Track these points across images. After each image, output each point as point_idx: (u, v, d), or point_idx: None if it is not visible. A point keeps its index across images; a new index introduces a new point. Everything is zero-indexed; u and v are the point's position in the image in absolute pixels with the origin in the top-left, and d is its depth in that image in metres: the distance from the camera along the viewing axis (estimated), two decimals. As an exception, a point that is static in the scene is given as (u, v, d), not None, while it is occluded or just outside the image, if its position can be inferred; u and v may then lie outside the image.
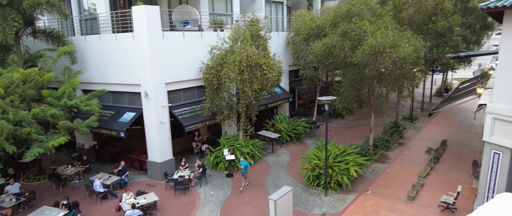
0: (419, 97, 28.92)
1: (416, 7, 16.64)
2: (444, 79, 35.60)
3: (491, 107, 10.72)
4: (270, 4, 23.19)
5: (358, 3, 14.82)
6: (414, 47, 14.17)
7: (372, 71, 14.79)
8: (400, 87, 16.81)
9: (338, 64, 17.12)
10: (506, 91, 10.18)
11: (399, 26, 15.88)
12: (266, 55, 15.38)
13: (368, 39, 13.91)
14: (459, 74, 42.71)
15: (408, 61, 13.81)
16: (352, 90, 16.63)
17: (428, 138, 20.50)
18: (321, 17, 20.15)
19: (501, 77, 10.35)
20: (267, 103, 18.97)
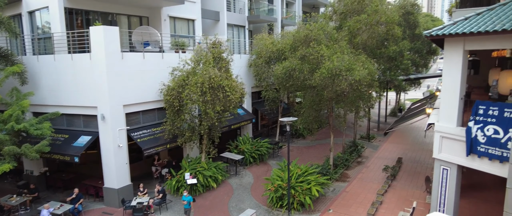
0: (375, 117, 30.40)
1: (369, 33, 17.77)
2: (397, 100, 37.80)
3: (438, 126, 11.52)
4: (232, 28, 23.64)
5: (315, 29, 15.57)
6: (368, 70, 15.03)
7: (330, 93, 15.41)
8: (356, 107, 17.59)
9: (298, 86, 17.66)
10: (450, 111, 11.04)
11: (354, 51, 16.83)
12: (228, 77, 15.52)
13: (326, 63, 14.57)
14: (411, 95, 45.61)
15: (363, 83, 14.59)
16: (312, 111, 17.16)
17: (384, 156, 21.45)
18: (281, 41, 20.83)
19: (445, 98, 11.23)
20: (230, 125, 18.96)
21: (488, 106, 10.15)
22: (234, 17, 23.57)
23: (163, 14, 18.51)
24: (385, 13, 17.87)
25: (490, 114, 10.11)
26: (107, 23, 16.48)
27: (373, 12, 17.53)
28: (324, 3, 33.25)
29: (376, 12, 17.55)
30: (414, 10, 29.32)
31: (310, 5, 34.64)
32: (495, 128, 9.98)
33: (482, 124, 10.22)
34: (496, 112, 9.99)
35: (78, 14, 16.13)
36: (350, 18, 19.19)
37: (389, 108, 36.90)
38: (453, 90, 10.83)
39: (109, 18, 17.19)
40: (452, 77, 10.82)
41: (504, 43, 9.56)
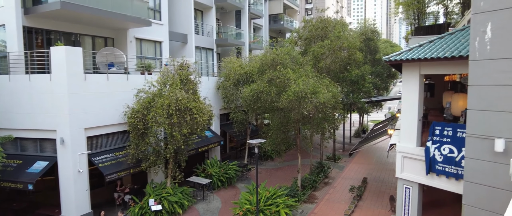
0: (341, 138, 31.22)
1: (333, 58, 18.54)
2: (361, 121, 39.20)
3: (400, 146, 12.04)
4: (200, 50, 23.72)
5: (281, 53, 16.02)
6: (332, 93, 15.56)
7: (296, 115, 15.72)
8: (322, 129, 18.00)
9: (266, 108, 17.86)
10: (410, 131, 11.60)
11: (319, 74, 17.43)
12: (196, 99, 15.40)
13: (292, 86, 14.93)
14: (374, 117, 47.51)
15: (327, 105, 15.05)
16: (280, 132, 17.34)
17: (350, 176, 21.92)
18: (249, 64, 21.15)
19: (404, 119, 11.81)
20: (198, 147, 18.63)
21: (443, 127, 10.80)
22: (202, 40, 23.72)
23: (129, 35, 18.26)
24: (347, 39, 18.81)
25: (445, 134, 10.75)
26: (70, 44, 15.96)
27: (335, 38, 18.40)
28: (289, 29, 34.46)
29: (339, 38, 18.43)
30: (374, 36, 31.08)
31: (277, 31, 35.75)
32: (450, 147, 10.59)
33: (439, 144, 10.81)
34: (450, 132, 10.64)
35: (38, 34, 15.49)
36: (314, 43, 19.98)
37: (353, 129, 38.14)
38: (412, 111, 11.44)
39: (72, 38, 16.67)
40: (411, 100, 11.46)
41: (453, 68, 10.32)
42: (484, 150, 7.70)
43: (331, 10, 58.74)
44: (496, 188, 7.51)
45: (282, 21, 34.70)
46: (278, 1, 34.41)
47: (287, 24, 35.00)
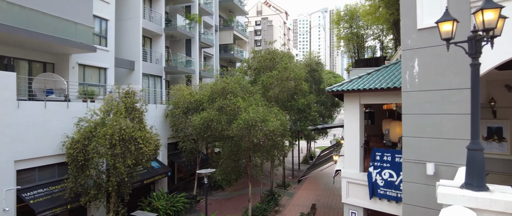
0: (290, 164, 31.78)
1: (281, 87, 19.21)
2: (308, 148, 40.39)
3: (344, 172, 12.56)
4: (148, 77, 23.16)
5: (232, 82, 16.24)
6: (281, 121, 15.99)
7: (247, 143, 15.81)
8: (272, 156, 18.24)
9: (217, 137, 17.74)
10: (353, 157, 12.22)
11: (268, 103, 17.88)
12: (142, 128, 14.82)
13: (242, 114, 15.10)
14: (320, 143, 49.27)
15: (276, 133, 15.38)
16: (230, 161, 17.22)
17: (300, 203, 22.21)
18: (199, 92, 21.05)
19: (348, 146, 12.44)
20: (143, 179, 17.71)
21: (383, 153, 11.53)
22: (150, 67, 23.26)
23: (71, 61, 17.32)
24: (294, 70, 19.71)
25: (385, 160, 11.47)
26: (3, 68, 14.69)
27: (283, 69, 19.18)
28: (240, 58, 35.25)
29: (286, 69, 19.24)
30: (318, 67, 32.89)
31: (227, 60, 36.32)
32: (390, 172, 11.29)
33: (380, 169, 11.48)
34: (389, 158, 11.38)
35: (-37, 57, 14.08)
36: (263, 73, 20.62)
37: (302, 156, 39.10)
38: (354, 138, 12.11)
39: (5, 62, 15.37)
40: (352, 127, 12.16)
41: (389, 98, 11.23)
42: (418, 173, 8.34)
43: (278, 43, 61.37)
44: (430, 208, 8.11)
45: (232, 51, 35.41)
46: (228, 32, 35.23)
47: (237, 54, 35.78)
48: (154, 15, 24.21)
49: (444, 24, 4.77)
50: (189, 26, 26.88)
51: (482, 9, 4.18)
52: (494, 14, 4.11)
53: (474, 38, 4.44)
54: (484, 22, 4.15)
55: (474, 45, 4.46)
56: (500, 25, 4.45)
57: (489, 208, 3.87)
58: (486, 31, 4.25)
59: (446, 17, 4.78)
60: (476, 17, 4.23)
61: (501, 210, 3.83)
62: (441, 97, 7.84)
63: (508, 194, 4.06)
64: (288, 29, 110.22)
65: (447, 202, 4.19)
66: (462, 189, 4.38)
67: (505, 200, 3.84)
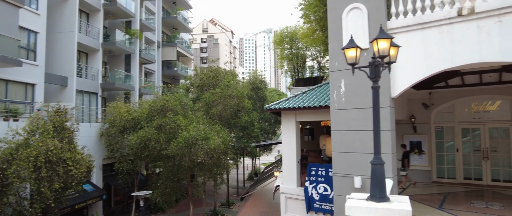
0: (234, 182, 31.62)
1: (224, 105, 19.31)
2: (253, 165, 40.66)
3: (283, 187, 12.87)
4: (82, 94, 21.79)
5: (172, 99, 15.95)
6: (223, 139, 15.98)
7: (187, 162, 15.51)
8: (214, 175, 18.07)
9: (155, 157, 17.13)
10: (290, 173, 12.58)
11: (210, 121, 17.81)
12: (72, 149, 13.81)
13: (182, 132, 14.83)
14: (265, 159, 49.89)
15: (218, 151, 15.32)
16: (170, 181, 16.70)
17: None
18: (138, 110, 20.28)
19: (286, 162, 12.81)
20: (74, 204, 16.36)
21: (318, 168, 12.05)
22: (85, 83, 21.93)
23: (-10, 76, 15.73)
24: (236, 88, 19.99)
25: (320, 174, 11.98)
26: None
27: (226, 86, 19.36)
28: (183, 75, 34.78)
29: (229, 87, 19.44)
30: (262, 85, 33.71)
31: (170, 76, 35.62)
32: (324, 186, 11.80)
33: (315, 183, 11.95)
34: (324, 172, 11.92)
35: None
36: (206, 91, 20.59)
37: (247, 173, 39.18)
38: (291, 154, 12.52)
39: None
40: (290, 144, 12.58)
41: (322, 116, 11.85)
42: (347, 187, 8.84)
43: (221, 61, 61.89)
44: (358, 220, 8.60)
45: (175, 68, 34.86)
46: (171, 48, 34.70)
47: (181, 71, 35.29)
48: (91, 29, 23.09)
49: (349, 51, 5.29)
50: (129, 42, 26.01)
51: (377, 39, 4.75)
52: (387, 43, 4.68)
53: (374, 64, 4.98)
54: (379, 50, 4.70)
55: (374, 70, 5.00)
56: (394, 53, 5.07)
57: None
58: (381, 58, 4.81)
59: (350, 44, 5.31)
60: (373, 46, 4.78)
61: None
62: (365, 114, 8.49)
63: (404, 203, 4.53)
64: (234, 48, 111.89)
65: (354, 214, 4.55)
66: (367, 201, 4.79)
67: (400, 209, 4.29)
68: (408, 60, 8.20)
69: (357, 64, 5.40)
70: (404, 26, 8.30)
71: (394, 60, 5.09)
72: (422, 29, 8.07)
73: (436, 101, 13.14)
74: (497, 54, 7.18)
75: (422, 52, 8.03)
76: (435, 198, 10.76)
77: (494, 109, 12.39)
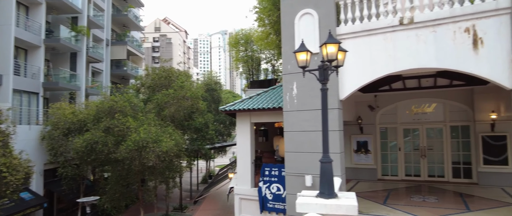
0: (188, 186, 31.04)
1: (177, 106, 18.86)
2: (207, 167, 40.23)
3: (237, 189, 12.90)
4: (20, 94, 20.04)
5: (121, 100, 15.27)
6: (175, 141, 15.62)
7: (138, 165, 14.92)
8: (166, 179, 17.59)
9: (103, 161, 16.27)
10: (245, 174, 12.65)
11: (162, 122, 17.30)
12: (7, 154, 12.65)
13: (132, 135, 14.26)
14: (220, 162, 49.60)
15: (170, 154, 14.94)
16: (119, 186, 15.96)
17: (197, 225, 21.78)
18: (84, 111, 19.11)
19: (240, 163, 12.86)
20: (9, 215, 14.97)
21: (271, 168, 12.26)
22: (24, 82, 20.18)
23: None
24: (190, 89, 19.64)
25: (273, 174, 12.20)
26: None
27: (179, 87, 18.94)
28: (134, 75, 33.44)
29: (182, 88, 19.05)
30: (217, 87, 33.52)
31: (120, 76, 34.06)
32: (277, 186, 12.03)
33: (269, 183, 12.14)
34: (277, 172, 12.15)
35: None
36: (159, 91, 19.98)
37: (201, 175, 38.67)
38: (246, 155, 12.61)
39: None
40: (244, 145, 12.66)
41: (275, 117, 12.07)
42: (299, 185, 9.10)
43: (175, 61, 60.53)
44: (309, 218, 8.90)
45: (125, 67, 33.42)
46: (121, 47, 33.19)
47: (131, 71, 33.90)
48: (32, 24, 21.34)
49: (300, 54, 5.51)
50: (75, 39, 24.45)
51: (326, 44, 5.02)
52: (335, 48, 4.95)
53: (322, 67, 5.23)
54: (327, 54, 4.96)
55: (323, 73, 5.25)
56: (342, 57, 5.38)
57: (336, 212, 4.59)
58: (329, 62, 5.08)
59: (301, 48, 5.53)
60: (322, 50, 5.03)
61: (343, 213, 4.56)
62: (315, 116, 8.81)
63: (351, 199, 4.82)
64: (188, 48, 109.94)
65: (304, 211, 4.74)
66: (317, 198, 5.01)
67: (347, 205, 4.56)
68: (356, 64, 8.68)
69: (308, 67, 5.62)
70: (352, 32, 8.77)
71: (341, 64, 5.38)
72: (368, 36, 8.59)
73: (381, 104, 14.02)
74: (433, 61, 7.86)
75: (368, 57, 8.54)
76: (380, 195, 11.46)
77: (431, 111, 13.52)
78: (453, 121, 13.23)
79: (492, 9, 7.29)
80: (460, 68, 7.66)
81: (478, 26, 7.47)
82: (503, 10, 7.19)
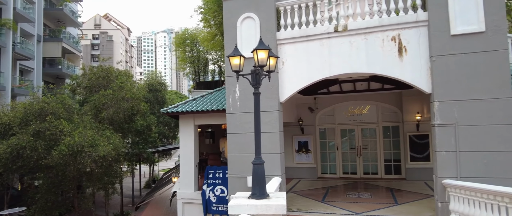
0: (129, 191, 29.64)
1: (116, 108, 17.93)
2: (151, 172, 38.79)
3: (180, 193, 12.65)
4: None
5: (53, 102, 14.15)
6: (114, 145, 14.86)
7: (72, 172, 13.93)
8: (104, 185, 16.65)
9: (32, 167, 14.91)
10: (188, 177, 12.46)
11: (100, 125, 16.35)
12: None
13: (66, 139, 13.28)
14: (165, 165, 48.11)
15: (109, 158, 14.18)
16: (51, 195, 14.75)
17: (139, 231, 20.90)
18: (9, 114, 17.33)
19: (183, 166, 12.64)
20: None
21: (215, 170, 12.22)
22: None
23: None
24: (131, 90, 18.79)
25: (217, 177, 12.17)
26: None
27: (118, 88, 18.04)
28: (70, 74, 31.13)
29: (122, 89, 18.17)
30: (161, 88, 32.49)
31: (54, 76, 31.49)
32: (221, 188, 12.02)
33: (213, 186, 12.09)
34: (221, 174, 12.14)
35: None
36: (96, 92, 18.84)
37: (144, 180, 37.19)
38: (189, 158, 12.42)
39: None
40: (188, 147, 12.46)
41: (219, 119, 12.05)
42: (241, 187, 9.19)
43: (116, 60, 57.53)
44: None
45: (60, 66, 30.97)
46: (56, 44, 30.68)
47: (66, 69, 31.49)
48: None
49: (233, 59, 5.63)
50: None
51: (256, 50, 5.21)
52: (265, 54, 5.15)
53: (255, 72, 5.40)
54: (258, 60, 5.14)
55: (255, 78, 5.42)
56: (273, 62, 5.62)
57: (266, 212, 4.78)
58: (261, 67, 5.26)
59: (235, 53, 5.65)
60: (254, 56, 5.19)
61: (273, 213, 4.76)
62: (257, 118, 8.97)
63: (280, 199, 5.04)
64: (131, 46, 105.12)
65: (236, 212, 4.86)
66: (249, 199, 5.15)
67: (276, 204, 4.77)
68: (295, 68, 9.03)
69: (242, 72, 5.73)
70: (291, 37, 9.11)
71: (273, 69, 5.58)
72: (306, 41, 8.98)
73: (320, 105, 14.71)
74: (364, 66, 8.46)
75: (306, 61, 8.93)
76: (319, 192, 12.01)
77: (365, 112, 14.51)
78: (385, 122, 14.33)
79: (413, 21, 8.06)
80: (387, 73, 8.35)
81: (403, 35, 8.21)
82: (422, 22, 7.98)
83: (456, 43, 7.60)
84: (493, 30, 7.34)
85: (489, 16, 7.35)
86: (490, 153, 7.30)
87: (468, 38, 7.52)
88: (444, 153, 7.63)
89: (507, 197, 5.40)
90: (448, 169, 7.57)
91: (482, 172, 7.30)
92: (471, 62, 7.49)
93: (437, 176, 7.76)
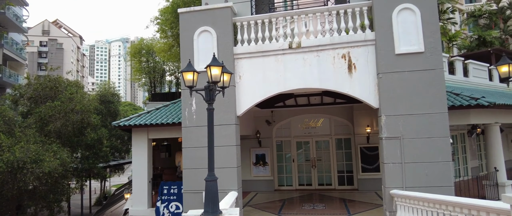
0: (78, 209, 27.77)
1: (64, 120, 16.87)
2: (102, 188, 36.70)
3: (132, 210, 12.10)
4: None
5: (-10, 114, 13.01)
6: (61, 160, 13.92)
7: (12, 190, 12.79)
8: (49, 203, 15.45)
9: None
10: (141, 194, 11.98)
11: (46, 139, 15.26)
12: None
13: (4, 155, 12.20)
14: (117, 181, 45.77)
15: (54, 175, 13.24)
16: (-15, 216, 13.39)
17: (87, 252, 19.57)
18: None
19: (136, 182, 12.15)
20: None
21: (170, 186, 11.90)
22: None
23: None
24: (81, 101, 17.81)
25: (172, 193, 11.85)
26: None
27: (67, 99, 17.02)
28: (12, 83, 28.82)
29: (71, 100, 17.16)
30: (114, 99, 31.12)
31: (-7, 85, 28.97)
32: (176, 204, 11.72)
33: (167, 202, 11.74)
34: (176, 190, 11.85)
35: None
36: (43, 103, 17.60)
37: (95, 197, 35.08)
38: (142, 174, 11.98)
39: None
40: (141, 162, 12.03)
41: (174, 133, 11.80)
42: (197, 203, 9.03)
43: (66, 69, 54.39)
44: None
45: (0, 74, 28.59)
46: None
47: (8, 78, 29.13)
48: None
49: (187, 74, 5.62)
50: None
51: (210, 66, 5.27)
52: (218, 70, 5.22)
53: (208, 88, 5.44)
54: (212, 76, 5.19)
55: (209, 93, 5.45)
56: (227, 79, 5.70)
57: None
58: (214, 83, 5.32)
59: (188, 68, 5.65)
60: (208, 72, 5.24)
61: None
62: (215, 131, 8.91)
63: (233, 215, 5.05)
64: (83, 55, 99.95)
65: None
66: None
67: None
68: (251, 82, 9.16)
69: (196, 87, 5.71)
70: (248, 52, 9.26)
71: (227, 85, 5.63)
72: (262, 57, 9.17)
73: (276, 119, 14.97)
74: (317, 82, 8.81)
75: (262, 76, 9.10)
76: (276, 205, 12.10)
77: (319, 125, 15.00)
78: (337, 134, 14.91)
79: (362, 40, 8.58)
80: (338, 89, 8.76)
81: (352, 53, 8.69)
82: (370, 41, 8.53)
83: (400, 62, 8.20)
84: (431, 51, 8.04)
85: (427, 38, 8.06)
86: (430, 164, 7.88)
87: (410, 57, 8.16)
88: (391, 165, 8.11)
89: (444, 205, 5.85)
90: (395, 179, 8.03)
91: (424, 181, 7.85)
92: (413, 79, 8.11)
93: (385, 187, 8.19)
